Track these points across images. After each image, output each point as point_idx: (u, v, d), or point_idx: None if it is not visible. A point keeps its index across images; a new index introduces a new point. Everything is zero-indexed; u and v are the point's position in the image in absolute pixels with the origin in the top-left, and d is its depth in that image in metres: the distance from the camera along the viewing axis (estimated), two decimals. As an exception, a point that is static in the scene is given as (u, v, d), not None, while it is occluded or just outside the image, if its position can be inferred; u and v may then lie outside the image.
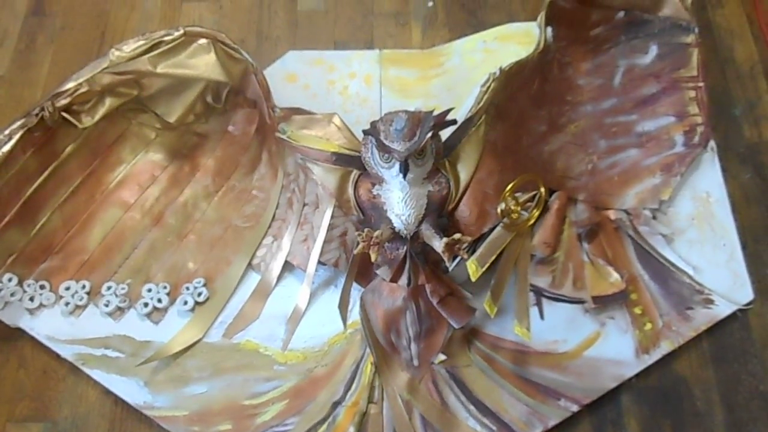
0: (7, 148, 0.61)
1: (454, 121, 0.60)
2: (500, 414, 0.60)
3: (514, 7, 0.84)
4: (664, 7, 0.71)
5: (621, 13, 0.73)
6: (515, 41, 0.78)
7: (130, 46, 0.63)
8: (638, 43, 0.74)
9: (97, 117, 0.65)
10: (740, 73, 0.79)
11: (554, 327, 0.64)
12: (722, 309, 0.65)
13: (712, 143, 0.72)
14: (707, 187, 0.71)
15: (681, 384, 0.63)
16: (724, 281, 0.66)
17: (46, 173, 0.65)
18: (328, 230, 0.64)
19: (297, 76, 0.78)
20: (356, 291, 0.64)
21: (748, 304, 0.66)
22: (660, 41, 0.73)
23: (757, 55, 0.80)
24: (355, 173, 0.63)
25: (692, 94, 0.72)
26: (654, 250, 0.68)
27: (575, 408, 0.60)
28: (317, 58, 0.79)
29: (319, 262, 0.65)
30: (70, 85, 0.63)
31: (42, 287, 0.65)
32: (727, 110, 0.77)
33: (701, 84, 0.72)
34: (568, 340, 0.63)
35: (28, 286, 0.65)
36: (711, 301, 0.65)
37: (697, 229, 0.69)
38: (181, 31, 0.64)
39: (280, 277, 0.66)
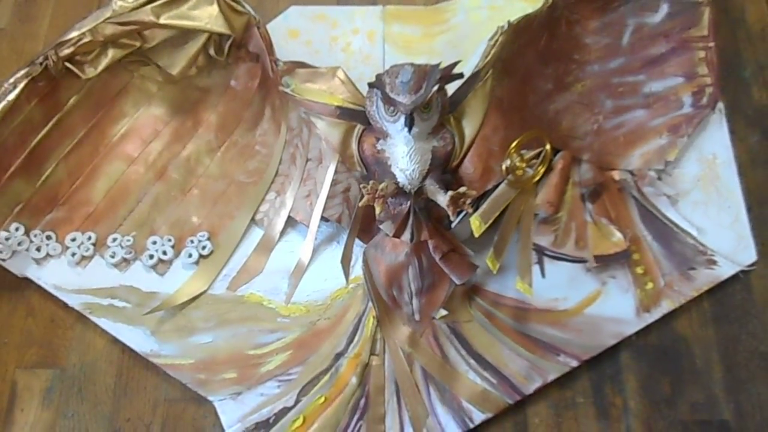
0: (12, 96, 0.61)
1: (460, 75, 0.59)
2: (500, 368, 0.61)
3: (523, -36, 0.83)
4: None
5: None
6: None
7: None
8: (648, 1, 0.72)
9: (100, 68, 0.65)
10: (751, 34, 0.79)
11: (555, 285, 0.65)
12: (725, 270, 0.65)
13: (720, 105, 0.72)
14: (714, 149, 0.71)
15: (681, 342, 0.64)
16: (727, 243, 0.66)
17: (50, 124, 0.66)
18: (331, 186, 0.65)
19: (299, 32, 0.78)
20: (359, 247, 0.65)
21: (750, 266, 0.66)
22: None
23: None
24: (359, 128, 0.63)
25: (702, 54, 0.71)
26: (658, 210, 0.68)
27: (574, 363, 0.61)
28: (319, 13, 0.79)
29: (322, 218, 0.65)
30: (74, 34, 0.63)
31: (48, 237, 0.66)
32: (736, 72, 0.76)
33: (711, 44, 0.71)
34: (568, 297, 0.64)
35: (35, 236, 0.66)
36: (714, 262, 0.65)
37: (702, 190, 0.69)
38: None
39: (283, 232, 0.67)
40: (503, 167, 0.63)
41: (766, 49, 0.78)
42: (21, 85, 0.61)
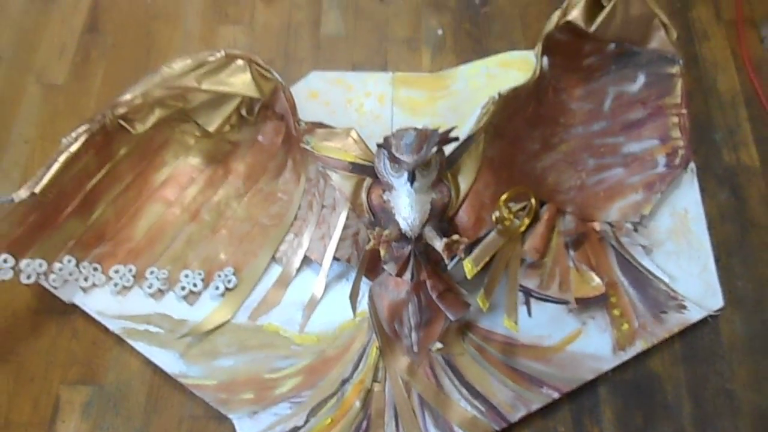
0: (74, 148, 0.66)
1: (456, 138, 0.64)
2: (489, 397, 0.64)
3: (516, 36, 0.88)
4: (652, 41, 0.74)
5: (612, 45, 0.76)
6: (515, 67, 0.82)
7: (179, 65, 0.69)
8: (627, 73, 0.77)
9: (148, 125, 0.70)
10: (722, 101, 0.83)
11: (540, 324, 0.68)
12: (694, 314, 0.68)
13: (692, 165, 0.75)
14: (685, 205, 0.75)
15: (653, 379, 0.67)
16: (697, 290, 0.70)
17: (103, 171, 0.70)
18: (342, 230, 0.69)
19: (319, 94, 0.82)
20: (365, 284, 0.68)
21: (718, 311, 0.69)
22: (647, 71, 0.76)
23: (739, 86, 0.84)
24: (368, 180, 0.67)
25: (675, 120, 0.75)
26: (634, 259, 0.71)
27: (556, 395, 0.64)
28: (337, 78, 0.84)
29: (334, 258, 0.69)
30: (128, 96, 0.68)
31: (95, 269, 0.70)
32: (708, 135, 0.80)
33: (684, 111, 0.75)
34: (552, 335, 0.67)
35: (84, 267, 0.69)
36: (684, 307, 0.69)
37: (674, 242, 0.72)
38: (223, 53, 0.70)
39: (299, 270, 0.71)
40: (493, 217, 0.66)
41: (735, 115, 0.82)
42: (82, 139, 0.66)
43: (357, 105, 0.82)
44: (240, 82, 0.70)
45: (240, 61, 0.71)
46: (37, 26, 0.91)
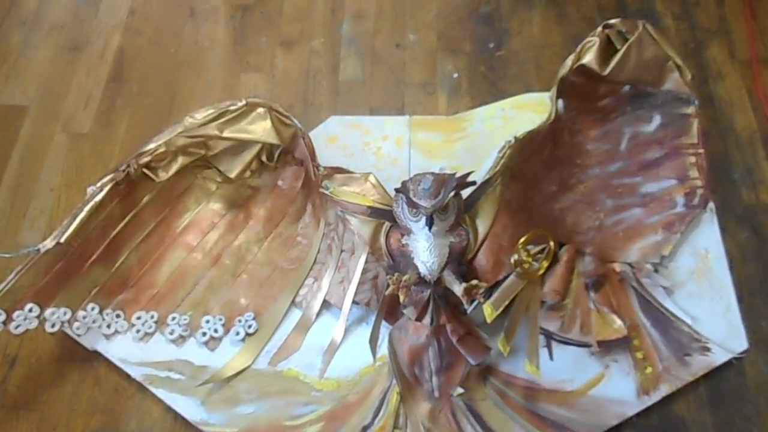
0: (99, 198, 0.68)
1: (473, 182, 0.66)
2: None
3: (531, 79, 0.90)
4: (666, 82, 0.75)
5: (627, 87, 0.77)
6: (531, 109, 0.84)
7: (201, 114, 0.71)
8: (643, 113, 0.78)
9: (171, 172, 0.72)
10: (739, 140, 0.84)
11: (562, 367, 0.68)
12: (718, 356, 0.68)
13: (711, 204, 0.76)
14: (706, 245, 0.74)
15: (679, 424, 0.66)
16: (720, 331, 0.69)
17: (126, 219, 0.72)
18: (362, 274, 0.70)
19: (337, 138, 0.84)
20: (385, 328, 0.69)
21: (742, 353, 0.68)
22: (663, 112, 0.77)
23: (755, 125, 0.84)
24: (386, 225, 0.68)
25: (692, 159, 0.76)
26: (655, 300, 0.71)
27: None
28: (355, 122, 0.86)
29: (354, 302, 0.70)
30: (151, 146, 0.71)
31: (118, 316, 0.71)
32: (726, 174, 0.81)
33: (701, 150, 0.76)
34: (574, 379, 0.67)
35: (107, 314, 0.71)
36: (708, 349, 0.68)
37: (696, 282, 0.72)
38: (244, 102, 0.72)
39: (318, 314, 0.72)
40: (512, 261, 0.67)
41: (753, 153, 0.82)
42: (107, 189, 0.68)
43: (375, 148, 0.84)
44: (260, 129, 0.72)
45: (260, 109, 0.73)
46: (63, 76, 0.94)
